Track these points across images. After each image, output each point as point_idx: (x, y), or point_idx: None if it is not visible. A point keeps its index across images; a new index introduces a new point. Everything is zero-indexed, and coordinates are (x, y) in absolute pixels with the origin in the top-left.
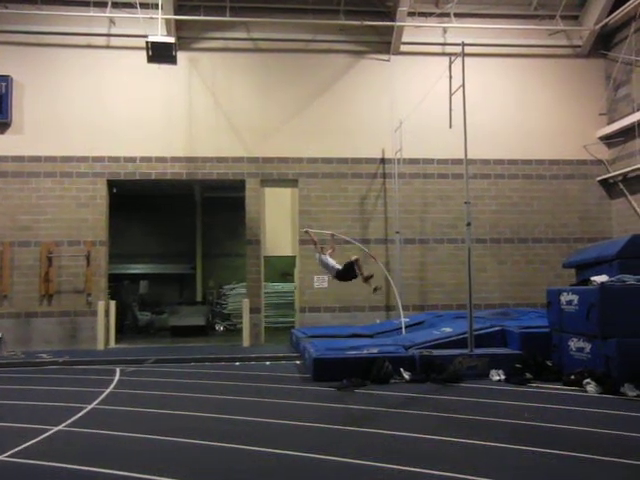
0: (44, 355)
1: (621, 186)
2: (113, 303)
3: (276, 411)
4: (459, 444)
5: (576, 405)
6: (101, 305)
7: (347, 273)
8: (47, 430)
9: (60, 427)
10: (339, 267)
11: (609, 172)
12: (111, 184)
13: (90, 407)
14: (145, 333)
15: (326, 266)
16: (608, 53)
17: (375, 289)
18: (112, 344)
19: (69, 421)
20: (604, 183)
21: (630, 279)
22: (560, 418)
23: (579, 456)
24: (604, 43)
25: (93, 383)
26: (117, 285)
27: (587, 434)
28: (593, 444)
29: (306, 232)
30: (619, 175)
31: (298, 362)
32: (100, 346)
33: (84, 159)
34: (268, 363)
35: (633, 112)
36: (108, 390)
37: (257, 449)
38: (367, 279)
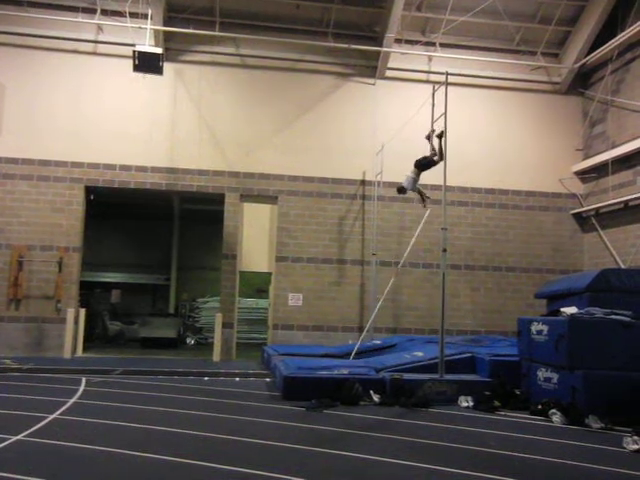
0: (7, 361)
1: (593, 220)
2: (83, 311)
3: (240, 428)
4: (413, 468)
5: (539, 435)
6: (71, 312)
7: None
8: (4, 440)
9: (19, 437)
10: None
11: (582, 206)
12: (89, 190)
13: (52, 417)
14: (114, 343)
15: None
16: (585, 91)
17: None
18: (80, 353)
19: (28, 431)
20: (577, 217)
21: (598, 312)
22: (521, 447)
23: None
24: (582, 81)
25: (57, 392)
26: (88, 293)
27: (542, 463)
28: (544, 473)
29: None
30: (592, 210)
31: (268, 380)
32: (67, 354)
33: (62, 164)
34: (238, 379)
35: (607, 150)
36: (72, 400)
37: (215, 466)
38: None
